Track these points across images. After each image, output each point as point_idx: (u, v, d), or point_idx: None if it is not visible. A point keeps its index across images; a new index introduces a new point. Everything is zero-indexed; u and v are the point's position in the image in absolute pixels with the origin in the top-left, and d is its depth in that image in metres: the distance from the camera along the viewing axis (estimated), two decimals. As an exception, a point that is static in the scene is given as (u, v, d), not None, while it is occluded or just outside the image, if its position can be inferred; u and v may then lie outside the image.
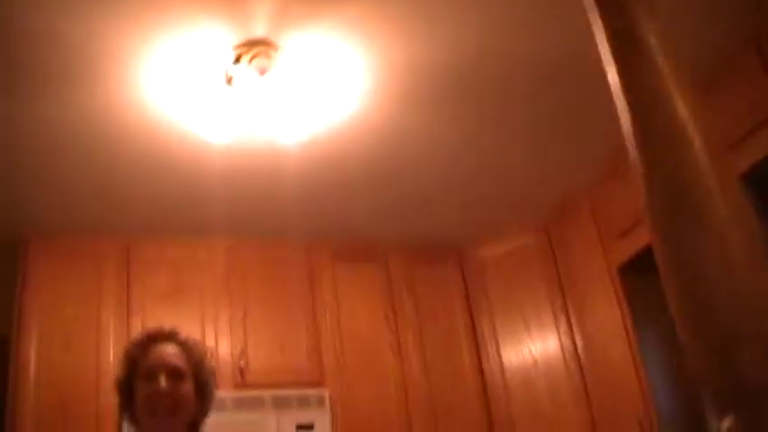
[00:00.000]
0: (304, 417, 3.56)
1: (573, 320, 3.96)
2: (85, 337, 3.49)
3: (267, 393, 3.56)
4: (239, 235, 3.94)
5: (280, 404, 3.55)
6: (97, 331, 3.51)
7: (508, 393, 3.98)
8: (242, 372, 3.44)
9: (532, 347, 4.01)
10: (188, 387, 1.84)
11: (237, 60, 2.73)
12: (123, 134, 3.11)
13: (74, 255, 3.67)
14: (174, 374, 1.82)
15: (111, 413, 3.34)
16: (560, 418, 3.80)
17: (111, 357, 3.47)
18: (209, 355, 2.02)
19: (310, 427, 3.55)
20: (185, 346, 1.91)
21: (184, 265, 3.81)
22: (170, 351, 1.87)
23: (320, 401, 3.64)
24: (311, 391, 3.67)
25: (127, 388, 1.87)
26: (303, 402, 3.59)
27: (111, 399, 3.36)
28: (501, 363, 4.06)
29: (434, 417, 3.90)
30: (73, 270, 3.62)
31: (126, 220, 3.72)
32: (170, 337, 1.91)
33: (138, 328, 3.52)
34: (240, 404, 3.30)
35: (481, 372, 4.09)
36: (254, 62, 2.70)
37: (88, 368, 3.42)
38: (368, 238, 4.20)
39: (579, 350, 3.89)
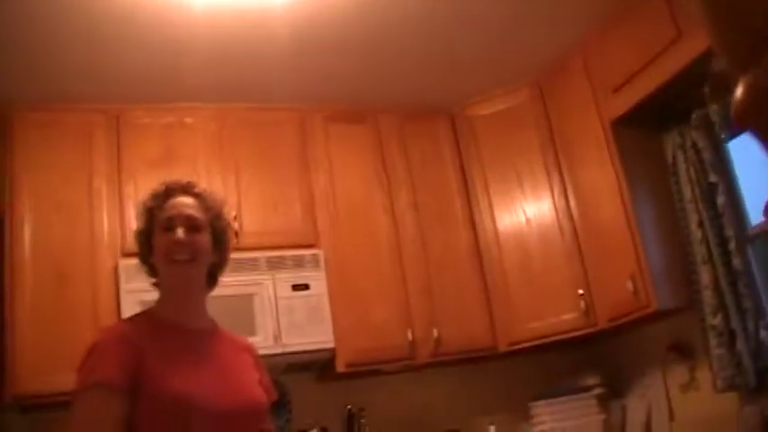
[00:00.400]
0: (299, 277, 3.61)
1: (566, 177, 3.95)
2: (78, 205, 3.48)
3: (262, 255, 3.60)
4: (229, 99, 3.88)
5: (275, 265, 3.60)
6: (89, 199, 3.50)
7: (501, 251, 4.02)
8: (236, 234, 3.45)
9: (525, 206, 4.02)
10: (205, 237, 1.89)
11: None
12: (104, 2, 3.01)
13: (62, 124, 3.61)
14: (191, 225, 1.86)
15: (106, 279, 3.38)
16: (553, 275, 3.86)
17: (105, 225, 3.48)
18: (225, 207, 2.05)
19: (306, 287, 3.60)
20: (201, 198, 1.94)
21: (175, 132, 3.76)
22: (187, 202, 1.91)
23: (315, 262, 3.68)
24: (306, 252, 3.70)
25: (146, 239, 1.91)
26: (298, 263, 3.64)
27: (107, 265, 3.41)
28: (494, 221, 4.08)
29: (428, 275, 3.95)
30: (63, 139, 3.58)
31: (113, 90, 3.64)
32: (187, 189, 1.95)
33: (130, 195, 3.52)
34: (236, 267, 3.33)
35: (474, 230, 4.12)
36: None
37: (82, 236, 3.44)
38: (358, 100, 4.13)
39: (572, 207, 3.91)
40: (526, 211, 4.01)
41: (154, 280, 1.93)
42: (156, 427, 1.67)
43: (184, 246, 1.83)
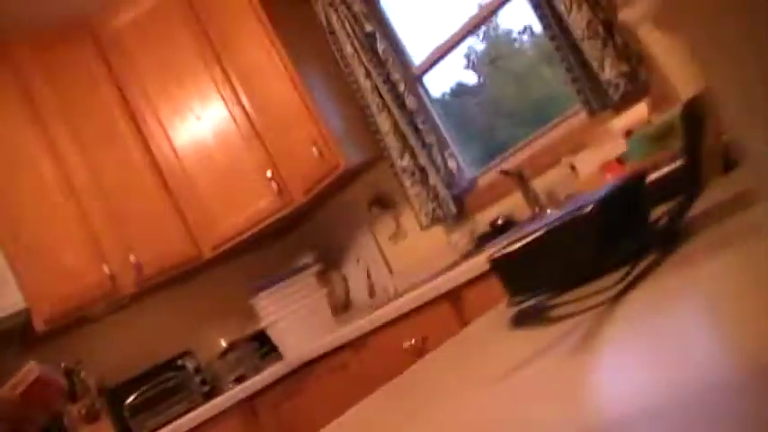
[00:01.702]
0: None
1: (227, 67, 3.74)
2: None
3: None
4: None
5: None
6: None
7: (180, 159, 3.74)
8: None
9: (193, 106, 3.76)
10: None
11: None
12: None
13: None
14: None
15: None
16: (238, 166, 3.69)
17: None
18: None
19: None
20: None
21: None
22: None
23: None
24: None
25: None
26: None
27: None
28: (165, 129, 3.77)
29: (109, 204, 3.60)
30: None
31: None
32: None
33: None
34: None
35: (147, 144, 3.76)
36: None
37: None
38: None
39: (240, 94, 3.73)
40: (196, 112, 3.76)
41: None
42: None
43: None
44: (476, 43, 3.46)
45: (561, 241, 0.78)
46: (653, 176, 1.06)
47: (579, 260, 0.76)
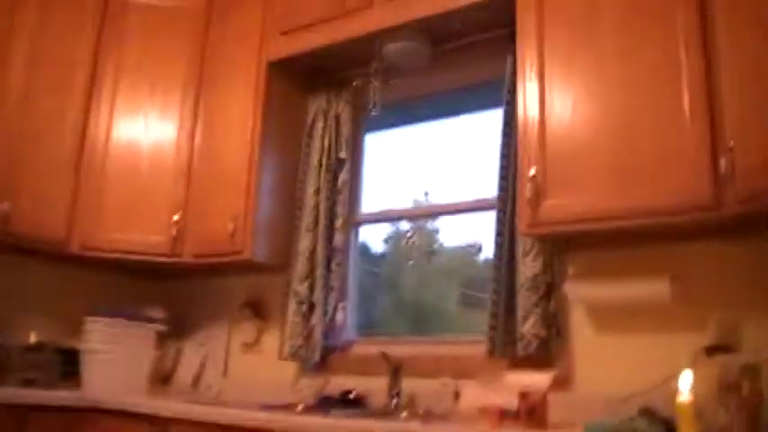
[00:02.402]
0: None
1: (202, 99, 3.65)
2: None
3: None
4: None
5: None
6: None
7: (107, 153, 3.56)
8: None
9: (150, 115, 3.63)
10: None
11: None
12: None
13: None
14: None
15: None
16: (155, 193, 3.50)
17: None
18: None
19: None
20: None
21: None
22: None
23: None
24: None
25: None
26: None
27: None
28: (110, 120, 3.61)
29: (13, 163, 3.34)
30: None
31: None
32: None
33: None
34: None
35: (85, 129, 3.58)
36: None
37: None
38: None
39: (197, 131, 3.62)
40: (148, 120, 3.62)
41: None
42: None
43: None
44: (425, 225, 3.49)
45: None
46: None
47: None
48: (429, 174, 3.43)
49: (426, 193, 3.43)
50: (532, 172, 2.39)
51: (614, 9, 2.35)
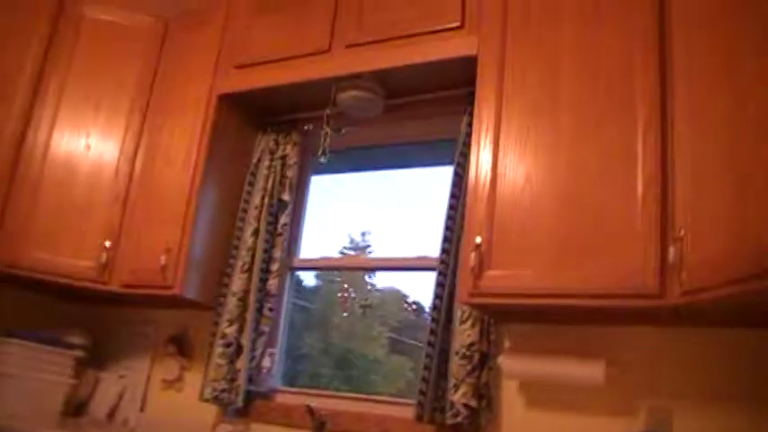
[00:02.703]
0: None
1: (147, 125, 3.54)
2: None
3: None
4: None
5: None
6: None
7: (44, 168, 3.41)
8: None
9: (92, 135, 3.50)
10: None
11: None
12: None
13: None
14: None
15: None
16: (89, 215, 3.36)
17: None
18: None
19: None
20: None
21: None
22: None
23: None
24: None
25: None
26: None
27: None
28: (49, 137, 3.47)
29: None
30: None
31: None
32: None
33: None
34: None
35: (23, 139, 3.44)
36: None
37: None
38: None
39: (139, 156, 3.51)
40: (90, 138, 3.49)
41: None
42: None
43: None
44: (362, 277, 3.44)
45: None
46: None
47: None
48: (372, 223, 3.38)
49: (363, 234, 3.39)
50: (478, 240, 2.36)
51: (575, 86, 2.34)
